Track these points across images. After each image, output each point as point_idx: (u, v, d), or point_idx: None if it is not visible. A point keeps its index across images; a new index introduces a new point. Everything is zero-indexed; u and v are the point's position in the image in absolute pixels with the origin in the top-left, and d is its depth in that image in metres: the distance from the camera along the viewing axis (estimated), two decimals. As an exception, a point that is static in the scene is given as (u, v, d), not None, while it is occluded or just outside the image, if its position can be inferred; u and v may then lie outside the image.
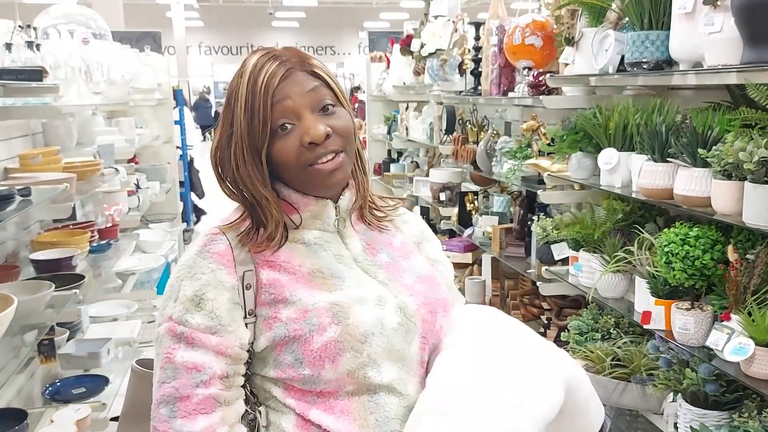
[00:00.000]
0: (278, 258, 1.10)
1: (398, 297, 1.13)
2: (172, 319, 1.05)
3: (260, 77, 1.07)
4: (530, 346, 1.16)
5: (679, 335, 1.78)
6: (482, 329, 1.18)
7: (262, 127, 1.07)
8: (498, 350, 1.12)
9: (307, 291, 1.08)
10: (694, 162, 1.72)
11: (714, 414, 1.78)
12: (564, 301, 2.86)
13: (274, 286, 1.08)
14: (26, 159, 2.65)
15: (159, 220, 5.33)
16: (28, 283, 2.17)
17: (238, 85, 1.09)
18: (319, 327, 1.05)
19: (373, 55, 6.05)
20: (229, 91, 1.11)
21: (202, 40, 22.95)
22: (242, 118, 1.08)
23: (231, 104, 1.10)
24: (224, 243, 1.09)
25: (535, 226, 2.57)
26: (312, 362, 1.05)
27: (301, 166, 1.09)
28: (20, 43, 2.40)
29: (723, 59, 1.59)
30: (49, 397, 2.62)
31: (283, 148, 1.08)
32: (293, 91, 1.08)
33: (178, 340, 1.04)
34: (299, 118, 1.08)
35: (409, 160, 5.39)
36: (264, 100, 1.07)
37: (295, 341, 1.06)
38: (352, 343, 1.05)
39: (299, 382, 1.07)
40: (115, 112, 4.75)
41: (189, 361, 1.03)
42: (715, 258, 1.75)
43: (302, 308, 1.06)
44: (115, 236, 3.33)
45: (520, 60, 2.79)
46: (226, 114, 1.11)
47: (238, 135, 1.08)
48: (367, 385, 1.07)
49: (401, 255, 1.20)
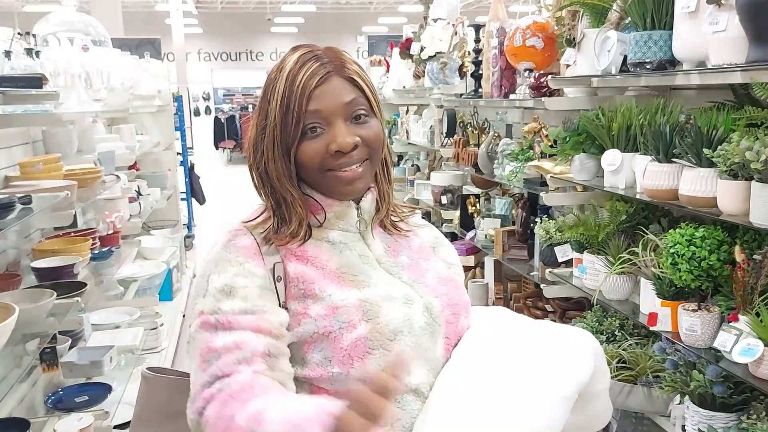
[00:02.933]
0: (306, 252, 1.11)
1: (424, 297, 1.13)
2: (204, 312, 1.04)
3: (299, 76, 1.08)
4: (547, 335, 1.17)
5: (686, 337, 1.77)
6: (496, 328, 1.18)
7: (294, 124, 1.08)
8: (515, 345, 1.13)
9: (336, 287, 1.08)
10: (699, 162, 1.71)
11: (722, 416, 1.77)
12: (568, 303, 2.84)
13: (302, 281, 1.08)
14: (27, 167, 2.64)
15: (160, 226, 5.32)
16: (30, 292, 2.16)
17: (277, 79, 1.10)
18: (349, 324, 1.05)
19: (372, 59, 6.05)
20: (267, 82, 1.12)
21: (201, 46, 22.97)
22: (276, 112, 1.09)
23: (267, 96, 1.11)
24: (249, 238, 1.10)
25: (538, 228, 2.56)
26: (341, 360, 1.04)
27: (321, 170, 1.10)
28: (19, 51, 2.40)
29: (728, 58, 1.58)
30: (51, 406, 2.60)
31: (308, 150, 1.09)
32: (329, 96, 1.09)
33: (214, 329, 1.03)
34: (330, 124, 1.09)
35: (410, 164, 5.38)
36: (300, 100, 1.07)
37: (324, 339, 1.05)
38: (381, 341, 1.05)
39: (327, 382, 1.06)
40: (115, 119, 4.74)
41: (229, 342, 1.01)
42: (721, 259, 1.74)
43: (332, 305, 1.06)
44: (117, 243, 3.31)
45: (521, 62, 2.78)
46: (261, 105, 1.12)
47: (271, 128, 1.09)
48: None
49: (421, 257, 1.21)
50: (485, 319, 1.22)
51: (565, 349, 1.12)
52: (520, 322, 1.22)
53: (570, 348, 1.13)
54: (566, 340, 1.15)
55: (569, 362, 1.10)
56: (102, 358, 2.77)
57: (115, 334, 3.28)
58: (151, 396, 1.23)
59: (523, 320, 1.23)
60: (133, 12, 18.26)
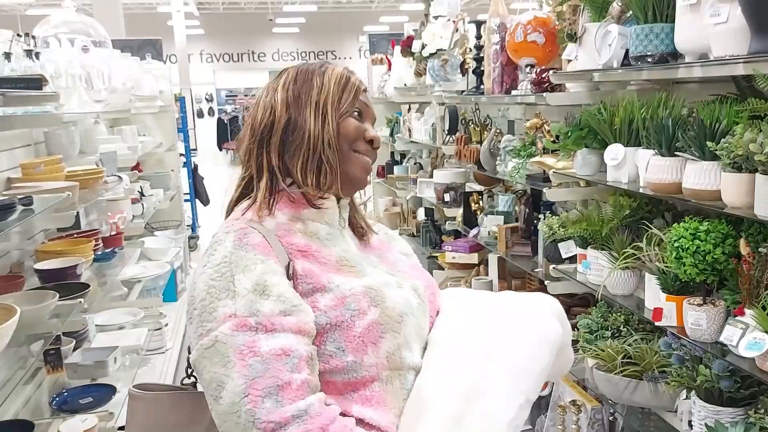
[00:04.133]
0: (310, 247, 1.16)
1: (407, 281, 1.23)
2: (237, 315, 1.03)
3: (353, 76, 1.26)
4: (514, 300, 1.33)
5: (692, 331, 1.76)
6: (468, 299, 1.32)
7: (351, 99, 1.22)
8: (491, 309, 1.27)
9: (341, 278, 1.13)
10: (702, 155, 1.69)
11: (729, 411, 1.76)
12: (572, 299, 2.83)
13: (310, 276, 1.12)
14: (29, 168, 2.64)
15: (164, 227, 5.33)
16: (33, 293, 2.16)
17: (325, 70, 1.24)
18: (360, 311, 1.10)
19: (374, 57, 6.04)
20: (303, 71, 1.24)
21: (203, 48, 23.00)
22: (333, 88, 1.21)
23: (312, 79, 1.22)
24: (258, 236, 1.12)
25: (542, 224, 2.55)
26: (355, 348, 1.08)
27: (351, 146, 1.22)
28: (19, 53, 2.40)
29: (730, 50, 1.57)
30: (56, 408, 2.60)
31: (349, 126, 1.21)
32: (369, 103, 1.27)
33: (255, 332, 1.02)
34: (366, 120, 1.26)
35: (412, 162, 5.37)
36: (357, 86, 1.24)
37: (336, 329, 1.08)
38: (391, 325, 1.12)
39: (340, 373, 1.08)
40: (117, 120, 4.75)
41: (276, 347, 1.01)
42: (726, 252, 1.72)
43: (340, 295, 1.11)
44: (120, 244, 3.32)
45: (522, 57, 2.77)
46: (303, 88, 1.22)
47: (326, 99, 1.20)
48: (400, 369, 1.13)
49: (384, 251, 1.32)
50: (453, 295, 1.34)
51: (533, 309, 1.27)
52: (486, 293, 1.37)
53: (537, 308, 1.28)
54: (533, 303, 1.29)
55: (538, 319, 1.23)
56: (106, 359, 2.77)
57: (119, 335, 3.28)
58: (138, 414, 1.21)
59: (486, 293, 1.39)
60: (135, 14, 18.29)
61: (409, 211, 5.36)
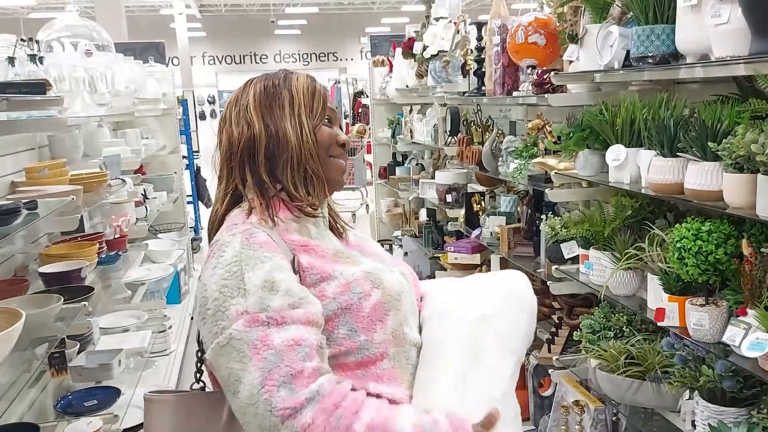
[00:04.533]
0: (309, 244, 1.24)
1: (395, 267, 1.34)
2: (249, 312, 1.08)
3: (317, 84, 1.33)
4: (490, 277, 1.49)
5: (694, 332, 1.76)
6: (445, 283, 1.45)
7: (320, 110, 1.30)
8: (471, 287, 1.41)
9: (342, 266, 1.23)
10: (704, 156, 1.70)
11: (732, 411, 1.76)
12: (575, 299, 2.83)
13: (314, 267, 1.20)
14: (33, 172, 2.65)
15: (167, 229, 5.34)
16: (37, 297, 2.17)
17: (291, 79, 1.31)
18: (364, 294, 1.19)
19: (375, 59, 6.05)
20: (269, 85, 1.30)
21: (205, 50, 23.04)
22: (304, 100, 1.29)
23: (281, 90, 1.29)
24: (263, 234, 1.18)
25: (544, 225, 2.55)
26: (365, 327, 1.18)
27: (327, 153, 1.30)
28: (23, 57, 2.41)
29: (731, 51, 1.57)
30: (60, 411, 2.61)
31: (324, 135, 1.30)
32: (334, 107, 1.36)
33: (267, 326, 1.07)
34: (335, 125, 1.34)
35: (414, 163, 5.37)
36: (324, 96, 1.33)
37: (347, 312, 1.17)
38: (392, 303, 1.22)
39: (354, 353, 1.17)
40: (120, 124, 4.76)
41: (288, 339, 1.07)
42: (728, 252, 1.72)
43: (345, 281, 1.20)
44: (124, 247, 3.32)
45: (523, 59, 2.77)
46: (274, 102, 1.28)
47: (300, 111, 1.28)
48: (404, 344, 1.23)
49: (363, 248, 1.39)
50: (431, 282, 1.46)
51: (509, 282, 1.41)
52: (459, 279, 1.47)
53: (512, 281, 1.41)
54: (507, 277, 1.43)
55: (516, 290, 1.37)
56: (111, 362, 2.78)
57: (123, 338, 3.29)
58: (158, 418, 1.24)
59: (459, 278, 1.47)
60: (138, 17, 18.33)
61: (411, 211, 5.36)
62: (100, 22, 8.67)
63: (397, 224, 5.63)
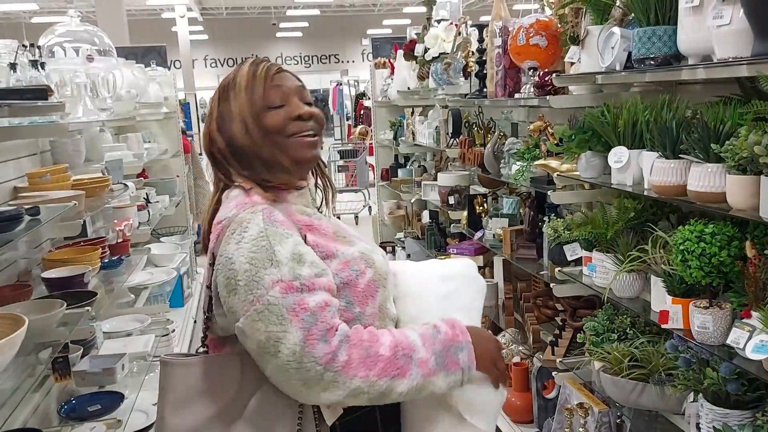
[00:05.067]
0: (312, 223, 1.35)
1: (376, 249, 1.46)
2: (283, 280, 1.21)
3: (259, 68, 1.36)
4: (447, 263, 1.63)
5: (698, 334, 1.75)
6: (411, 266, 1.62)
7: (260, 100, 1.33)
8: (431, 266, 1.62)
9: (341, 246, 1.36)
10: (707, 157, 1.69)
11: (736, 413, 1.75)
12: (578, 302, 2.83)
13: (318, 246, 1.32)
14: (35, 178, 2.65)
15: (170, 233, 5.34)
16: (40, 302, 2.17)
17: (235, 77, 1.37)
18: (360, 272, 1.34)
19: (377, 61, 6.05)
20: (222, 86, 1.39)
21: (207, 53, 23.07)
22: (243, 96, 1.33)
23: (227, 93, 1.36)
24: (279, 213, 1.29)
25: (547, 227, 2.54)
26: (360, 300, 1.33)
27: (283, 135, 1.35)
28: (25, 63, 2.41)
29: (733, 52, 1.57)
30: (64, 416, 2.61)
31: (273, 120, 1.34)
32: (285, 82, 1.37)
33: (300, 292, 1.21)
34: (288, 102, 1.36)
35: (416, 165, 5.37)
36: (264, 82, 1.35)
37: (346, 286, 1.31)
38: (381, 281, 1.37)
39: (349, 323, 1.29)
40: (122, 128, 4.76)
41: (320, 301, 1.22)
42: (732, 254, 1.72)
43: (344, 259, 1.33)
44: (127, 251, 3.32)
45: (525, 61, 2.77)
46: (221, 104, 1.37)
47: (240, 109, 1.33)
48: (385, 318, 1.39)
49: (339, 224, 1.48)
50: (397, 264, 1.59)
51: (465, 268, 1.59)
52: (418, 263, 1.65)
53: (467, 266, 1.60)
54: (462, 263, 1.61)
55: (471, 274, 1.58)
56: (114, 366, 2.77)
57: (126, 342, 3.28)
58: (179, 379, 1.31)
59: (419, 263, 1.66)
60: (139, 20, 18.35)
61: (413, 213, 5.36)
62: (102, 26, 8.68)
63: (400, 226, 5.63)
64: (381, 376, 1.22)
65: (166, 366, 1.33)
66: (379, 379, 1.22)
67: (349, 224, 1.34)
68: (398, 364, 1.24)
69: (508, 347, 3.28)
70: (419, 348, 1.27)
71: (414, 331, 1.32)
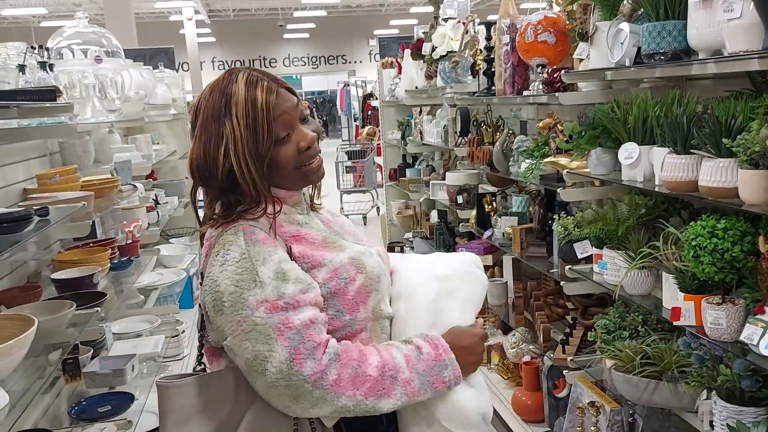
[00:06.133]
0: (300, 232, 1.35)
1: (372, 248, 1.45)
2: (267, 300, 1.21)
3: (258, 97, 1.27)
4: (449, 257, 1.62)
5: (711, 331, 1.73)
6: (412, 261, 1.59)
7: (266, 139, 1.28)
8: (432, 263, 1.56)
9: (330, 253, 1.34)
10: (718, 152, 1.67)
11: (751, 410, 1.73)
12: (589, 299, 2.81)
13: (305, 256, 1.31)
14: (44, 179, 2.67)
15: (179, 234, 5.36)
16: (50, 303, 2.18)
17: (231, 102, 1.27)
18: (350, 279, 1.33)
19: (384, 61, 6.04)
20: (213, 107, 1.29)
21: (215, 54, 23.15)
22: (243, 132, 1.26)
23: (219, 118, 1.27)
24: (261, 231, 1.28)
25: (556, 224, 2.52)
26: (350, 308, 1.32)
27: (295, 168, 1.34)
28: (33, 65, 2.42)
29: (744, 46, 1.55)
30: (74, 417, 2.62)
31: (284, 154, 1.32)
32: (286, 106, 1.31)
33: (285, 311, 1.22)
34: (293, 128, 1.33)
35: (424, 164, 5.36)
36: (267, 117, 1.28)
37: (334, 296, 1.31)
38: (373, 285, 1.36)
39: (339, 330, 1.31)
40: (131, 129, 4.78)
41: (305, 319, 1.23)
42: (745, 250, 1.70)
43: (333, 268, 1.32)
44: (136, 252, 3.33)
45: (533, 58, 2.75)
46: (211, 127, 1.28)
47: (241, 146, 1.26)
48: (380, 318, 1.38)
49: (341, 226, 1.49)
50: (400, 258, 1.60)
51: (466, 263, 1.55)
52: (421, 256, 1.62)
53: (468, 262, 1.56)
54: (463, 258, 1.57)
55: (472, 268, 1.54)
56: (124, 367, 2.78)
57: (136, 343, 3.29)
58: (177, 400, 1.32)
59: (421, 256, 1.63)
60: (147, 23, 18.44)
61: (422, 213, 5.35)
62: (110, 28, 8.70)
63: (408, 226, 5.62)
64: (367, 395, 1.25)
65: (161, 390, 1.34)
66: (366, 399, 1.24)
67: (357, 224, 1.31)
68: (384, 384, 1.26)
69: (519, 346, 3.26)
70: (404, 369, 1.29)
71: (400, 351, 1.32)
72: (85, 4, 15.80)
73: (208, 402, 1.31)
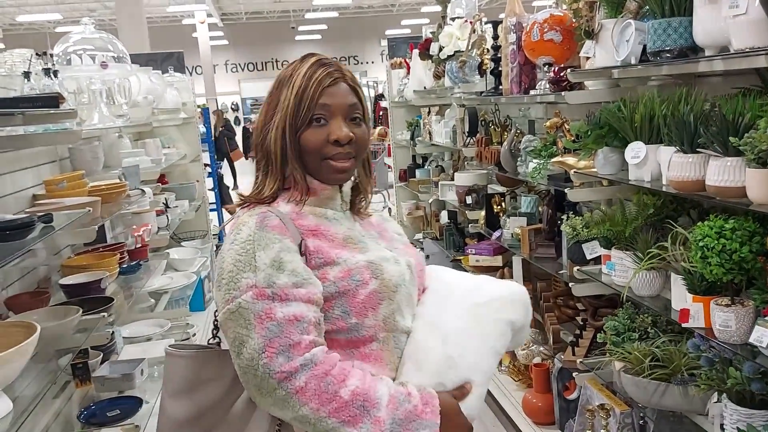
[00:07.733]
0: (319, 227, 1.32)
1: (403, 257, 1.39)
2: (257, 286, 1.20)
3: (316, 73, 1.31)
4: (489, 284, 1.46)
5: (720, 333, 1.70)
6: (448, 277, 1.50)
7: (305, 112, 1.30)
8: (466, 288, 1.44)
9: (347, 253, 1.31)
10: (725, 151, 1.64)
11: (761, 414, 1.70)
12: (599, 300, 2.78)
13: (320, 252, 1.29)
14: (52, 185, 2.68)
15: (190, 237, 5.38)
16: (57, 309, 2.19)
17: (294, 73, 1.33)
18: (363, 282, 1.28)
19: (392, 61, 6.02)
20: (280, 78, 1.36)
21: (227, 58, 23.27)
22: (291, 100, 1.30)
23: (281, 87, 1.33)
24: (276, 218, 1.28)
25: (565, 225, 2.50)
26: (358, 312, 1.28)
27: (318, 156, 1.32)
28: (39, 71, 2.43)
29: (750, 42, 1.52)
30: (84, 421, 2.63)
31: (311, 137, 1.31)
32: (337, 95, 1.32)
33: (271, 300, 1.20)
34: (333, 118, 1.32)
35: (434, 165, 5.33)
36: (314, 92, 1.30)
37: (343, 296, 1.27)
38: (387, 293, 1.30)
39: (344, 332, 1.28)
40: (141, 134, 4.81)
41: (289, 314, 1.20)
42: (753, 250, 1.67)
43: (347, 267, 1.28)
44: (145, 256, 3.35)
45: (539, 56, 2.72)
46: (273, 95, 1.35)
47: (283, 114, 1.30)
48: (394, 331, 1.32)
49: (382, 231, 1.47)
50: (437, 275, 1.50)
51: (504, 296, 1.42)
52: (464, 276, 1.52)
53: (507, 294, 1.43)
54: (504, 289, 1.44)
55: (507, 305, 1.41)
56: (133, 371, 2.79)
57: (146, 347, 3.31)
58: (176, 370, 1.36)
59: (465, 275, 1.53)
60: (160, 27, 18.57)
61: (431, 214, 5.33)
62: (123, 33, 8.77)
63: (419, 227, 5.60)
64: (331, 415, 1.19)
65: (166, 356, 1.39)
66: (329, 418, 1.18)
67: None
68: (353, 412, 1.19)
69: (529, 348, 3.24)
70: (381, 406, 1.21)
71: (387, 388, 1.24)
72: (99, 10, 15.94)
73: (206, 379, 1.33)
